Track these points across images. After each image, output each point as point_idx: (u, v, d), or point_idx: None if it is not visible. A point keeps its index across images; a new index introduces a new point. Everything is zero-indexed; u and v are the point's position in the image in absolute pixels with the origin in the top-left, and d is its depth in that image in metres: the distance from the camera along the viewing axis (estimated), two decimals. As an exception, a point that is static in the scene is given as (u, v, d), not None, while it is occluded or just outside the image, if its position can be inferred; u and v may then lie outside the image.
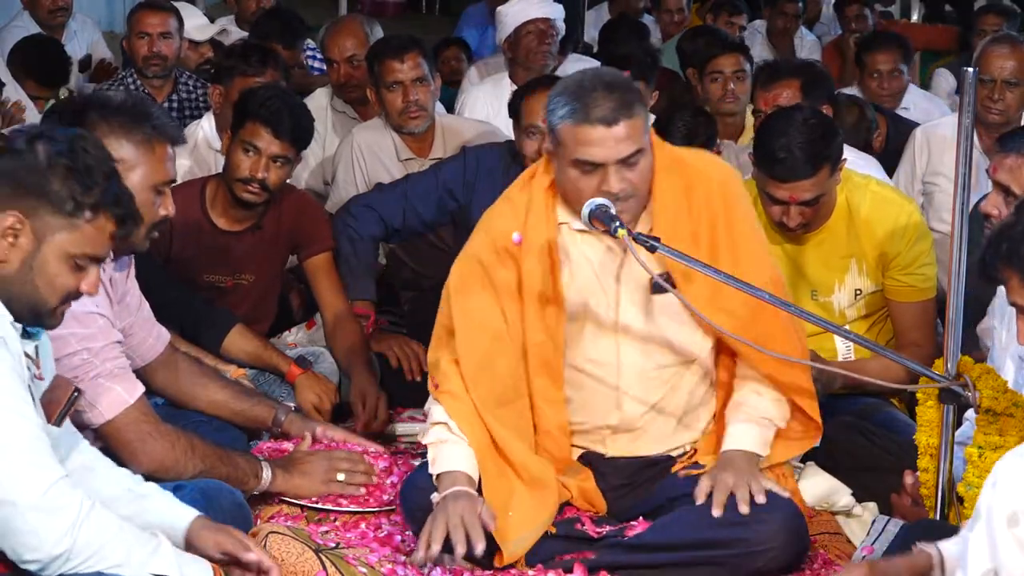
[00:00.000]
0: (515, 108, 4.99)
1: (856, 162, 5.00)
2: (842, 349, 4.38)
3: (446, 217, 5.04)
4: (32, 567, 2.86)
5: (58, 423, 3.09)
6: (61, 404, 3.11)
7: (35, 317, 2.95)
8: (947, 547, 3.14)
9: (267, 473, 3.81)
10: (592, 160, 3.49)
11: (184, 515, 3.16)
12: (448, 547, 3.43)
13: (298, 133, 4.60)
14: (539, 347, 3.64)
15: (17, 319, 2.93)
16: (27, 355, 2.96)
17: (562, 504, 3.70)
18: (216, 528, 3.16)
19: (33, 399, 2.94)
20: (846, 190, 4.32)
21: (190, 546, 3.10)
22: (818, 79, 5.22)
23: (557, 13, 6.68)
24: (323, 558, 3.39)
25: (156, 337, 3.94)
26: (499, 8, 6.89)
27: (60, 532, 2.83)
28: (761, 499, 3.50)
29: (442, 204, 5.00)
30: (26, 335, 2.98)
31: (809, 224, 4.27)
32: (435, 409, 3.67)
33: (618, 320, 3.65)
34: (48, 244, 2.90)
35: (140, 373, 3.77)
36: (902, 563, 3.22)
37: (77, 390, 3.17)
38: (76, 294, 2.96)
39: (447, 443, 3.61)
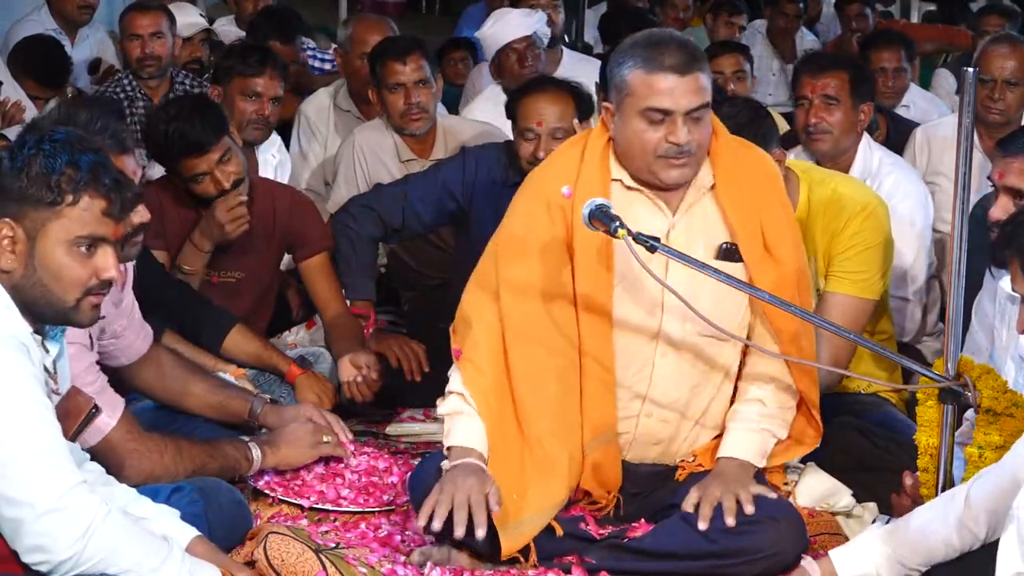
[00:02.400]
0: (511, 110, 4.96)
1: (884, 160, 5.00)
2: None
3: (445, 218, 5.03)
4: (42, 568, 2.87)
5: (73, 439, 3.10)
6: (78, 420, 3.13)
7: (62, 317, 2.96)
8: (837, 552, 3.22)
9: (256, 453, 3.85)
10: (662, 108, 3.52)
11: (183, 535, 3.16)
12: (447, 530, 3.38)
13: (215, 126, 4.52)
14: (587, 298, 3.59)
15: (48, 323, 2.95)
16: (44, 368, 2.97)
17: (568, 502, 3.66)
18: (213, 551, 3.19)
19: None
20: (809, 188, 4.25)
21: None
22: (866, 76, 5.12)
23: (536, 24, 6.46)
24: (323, 558, 3.39)
25: (143, 337, 3.95)
26: (478, 32, 6.74)
27: (73, 537, 2.84)
28: (749, 509, 3.47)
29: (441, 205, 4.98)
30: (42, 347, 2.99)
31: None
32: (454, 377, 3.63)
33: (664, 283, 3.51)
34: (42, 240, 2.91)
35: (124, 372, 3.82)
36: None
37: (96, 407, 3.18)
38: (99, 284, 2.95)
39: (462, 415, 3.58)
